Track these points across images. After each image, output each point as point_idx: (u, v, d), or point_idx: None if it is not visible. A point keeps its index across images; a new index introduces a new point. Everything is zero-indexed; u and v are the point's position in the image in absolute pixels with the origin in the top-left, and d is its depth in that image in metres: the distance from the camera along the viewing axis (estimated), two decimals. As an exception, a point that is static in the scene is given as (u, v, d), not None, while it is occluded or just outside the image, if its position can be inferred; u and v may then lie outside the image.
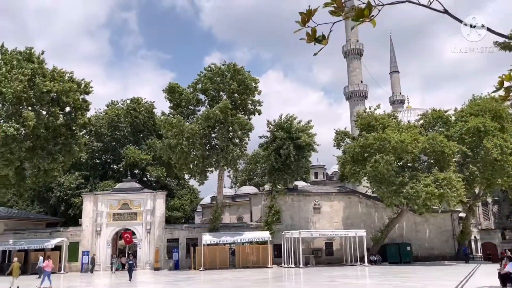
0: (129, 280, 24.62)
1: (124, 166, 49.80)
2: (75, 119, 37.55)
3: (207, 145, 36.92)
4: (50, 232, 37.94)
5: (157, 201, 38.33)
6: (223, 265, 35.19)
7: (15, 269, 21.52)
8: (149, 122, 52.97)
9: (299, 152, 37.33)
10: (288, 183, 39.22)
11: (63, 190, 47.33)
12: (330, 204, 40.22)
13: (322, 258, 38.51)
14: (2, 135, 31.77)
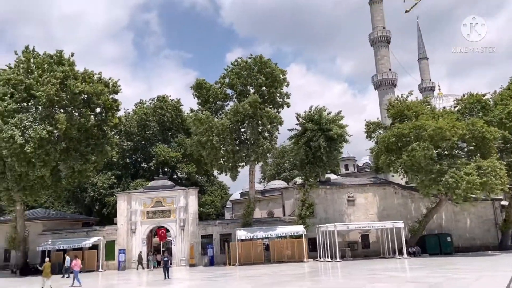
0: (167, 278, 24.05)
1: (154, 165, 50.22)
2: (106, 119, 37.93)
3: (236, 140, 36.60)
4: (87, 232, 38.60)
5: (190, 198, 38.37)
6: (258, 260, 34.91)
7: (46, 269, 21.71)
8: (176, 119, 53.16)
9: (331, 144, 36.52)
10: (320, 176, 38.49)
11: (97, 190, 48.14)
12: (365, 195, 39.26)
13: (358, 251, 37.69)
14: (37, 137, 32.39)
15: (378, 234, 37.89)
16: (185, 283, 21.03)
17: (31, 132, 32.79)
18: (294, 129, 39.35)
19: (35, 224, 39.28)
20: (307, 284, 18.02)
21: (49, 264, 22.28)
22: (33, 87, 34.39)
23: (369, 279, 17.53)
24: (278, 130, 36.28)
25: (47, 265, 22.08)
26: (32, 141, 32.33)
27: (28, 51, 36.58)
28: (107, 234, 38.00)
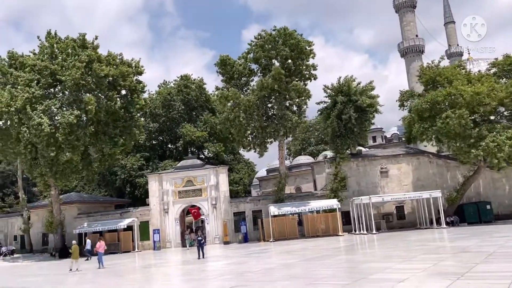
0: (201, 257, 22.47)
1: (182, 145, 50.22)
2: (132, 101, 37.80)
3: (264, 115, 35.95)
4: (121, 213, 39.06)
5: (220, 176, 38.21)
6: (292, 235, 34.69)
7: (74, 252, 22.08)
8: (201, 98, 52.73)
9: (362, 115, 35.50)
10: (351, 149, 37.63)
11: (127, 172, 48.59)
12: (398, 166, 38.26)
13: (394, 222, 37.00)
14: (66, 123, 32.50)
15: (413, 205, 37.02)
16: (231, 260, 20.82)
17: (59, 117, 32.97)
18: (323, 102, 38.39)
19: (70, 208, 40.00)
20: (357, 255, 17.50)
21: (76, 247, 22.77)
22: (58, 72, 34.36)
23: (420, 250, 16.88)
24: (306, 104, 35.46)
25: (75, 248, 22.54)
26: (61, 127, 32.53)
27: (51, 37, 36.46)
28: (140, 215, 38.39)
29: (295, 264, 15.95)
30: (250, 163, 64.18)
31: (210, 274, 15.37)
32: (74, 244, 23.25)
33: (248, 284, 11.81)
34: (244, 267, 16.61)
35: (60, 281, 17.93)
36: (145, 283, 14.94)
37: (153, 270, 20.28)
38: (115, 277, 17.71)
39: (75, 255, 22.16)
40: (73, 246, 22.84)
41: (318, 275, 12.68)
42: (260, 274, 13.98)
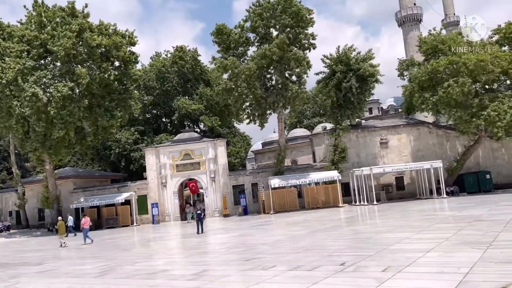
0: (201, 232, 21.11)
1: (177, 118, 49.25)
2: (126, 73, 36.67)
3: (263, 86, 35.09)
4: (118, 188, 38.49)
5: (218, 149, 37.59)
6: (292, 207, 34.52)
7: (60, 228, 22.06)
8: (196, 70, 51.43)
9: (362, 84, 34.79)
10: (351, 119, 37.08)
11: (122, 146, 47.70)
12: (398, 137, 37.91)
13: (393, 193, 36.96)
14: (58, 96, 31.41)
15: (413, 175, 36.92)
16: (236, 232, 20.43)
17: (52, 90, 31.87)
18: (322, 73, 37.53)
19: (65, 183, 39.30)
20: (367, 226, 17.19)
21: (62, 223, 22.72)
22: (48, 42, 33.00)
23: (431, 220, 16.58)
24: (306, 73, 34.61)
25: (61, 224, 22.45)
26: (54, 101, 31.47)
27: (38, 5, 34.79)
28: (138, 189, 37.86)
29: (304, 236, 15.59)
30: (246, 136, 63.59)
31: (219, 247, 14.95)
32: (60, 220, 23.11)
33: (264, 256, 11.37)
34: (252, 240, 16.24)
35: (63, 256, 17.44)
36: (153, 257, 14.49)
37: (158, 244, 19.87)
38: (120, 251, 17.24)
39: (61, 230, 22.13)
40: (59, 222, 22.72)
41: (333, 246, 12.29)
42: (271, 246, 13.58)
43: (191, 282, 8.74)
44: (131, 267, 12.05)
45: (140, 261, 13.41)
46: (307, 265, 9.31)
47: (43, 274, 12.48)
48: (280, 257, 10.86)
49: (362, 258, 9.47)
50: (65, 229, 22.62)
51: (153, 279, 9.62)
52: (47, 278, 11.52)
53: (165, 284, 8.87)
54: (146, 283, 9.24)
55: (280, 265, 9.72)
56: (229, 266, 10.46)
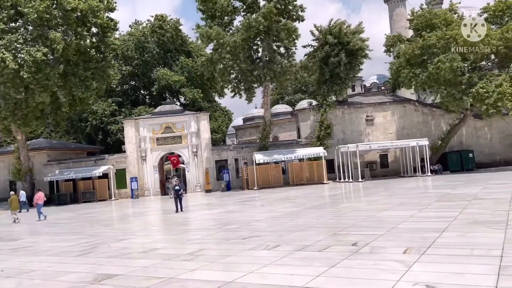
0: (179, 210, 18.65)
1: (156, 90, 47.47)
2: (104, 40, 34.66)
3: (249, 58, 33.80)
4: (95, 160, 36.96)
5: (201, 122, 36.38)
6: (276, 183, 33.94)
7: (13, 202, 20.93)
8: (177, 40, 49.39)
9: (351, 59, 33.94)
10: (338, 95, 36.37)
11: (98, 118, 45.83)
12: (384, 114, 37.57)
13: (377, 171, 36.85)
14: (31, 60, 29.38)
15: (397, 153, 36.81)
16: (224, 208, 19.58)
17: (24, 54, 29.77)
18: (310, 46, 36.41)
19: (39, 155, 37.48)
20: (361, 203, 16.62)
21: (15, 197, 21.59)
22: (20, 4, 30.69)
23: (428, 198, 16.14)
24: (295, 46, 33.47)
25: (14, 199, 21.27)
26: (27, 65, 29.47)
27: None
28: (116, 162, 36.44)
29: (300, 213, 14.90)
30: (227, 111, 62.40)
31: (210, 223, 14.08)
32: (13, 195, 21.84)
33: (263, 234, 10.58)
34: (244, 216, 15.44)
35: (39, 231, 16.24)
36: (139, 233, 13.52)
37: (141, 219, 18.87)
38: (100, 226, 16.18)
39: (14, 206, 20.93)
40: (12, 197, 21.42)
41: (335, 224, 11.60)
42: (267, 223, 12.81)
43: (189, 263, 7.85)
44: (117, 244, 11.07)
45: (125, 237, 12.44)
46: (315, 245, 8.55)
47: (19, 251, 11.36)
48: (281, 236, 10.08)
49: (373, 237, 8.77)
50: (18, 204, 21.37)
51: (145, 259, 8.68)
52: (24, 256, 10.42)
53: (160, 265, 7.94)
54: (138, 263, 8.30)
55: (285, 244, 8.93)
56: (227, 245, 9.60)
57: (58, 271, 8.26)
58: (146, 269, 7.72)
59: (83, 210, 25.96)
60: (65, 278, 7.59)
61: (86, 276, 7.59)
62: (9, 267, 9.09)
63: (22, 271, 8.53)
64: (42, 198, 21.36)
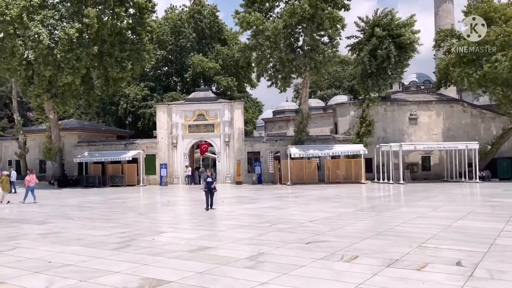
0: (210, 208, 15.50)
1: (190, 76, 46.31)
2: (141, 22, 33.63)
3: (289, 47, 32.08)
4: (125, 144, 36.12)
5: (235, 111, 34.96)
6: (311, 180, 32.30)
7: (4, 183, 19.62)
8: (213, 27, 48.01)
9: (400, 52, 31.75)
10: (383, 90, 34.23)
11: (130, 102, 45.08)
12: (429, 114, 35.20)
13: (418, 173, 34.62)
14: (66, 38, 28.56)
15: (441, 155, 34.49)
16: (263, 203, 18.14)
17: (59, 31, 28.98)
18: (354, 37, 34.35)
19: (69, 135, 36.95)
20: (422, 208, 14.80)
21: (7, 178, 20.35)
22: (58, -21, 29.96)
23: (492, 206, 14.25)
24: (340, 35, 31.55)
25: (5, 179, 20.00)
26: (61, 43, 28.68)
27: None
28: (146, 147, 35.49)
29: (355, 215, 13.26)
30: (258, 102, 60.84)
31: (256, 220, 12.55)
32: (5, 175, 20.56)
33: (327, 240, 9.02)
34: (290, 215, 13.87)
35: (68, 214, 15.14)
36: (179, 226, 12.17)
37: (176, 209, 17.58)
38: (133, 214, 14.96)
39: (6, 187, 19.68)
40: (3, 177, 20.09)
41: (409, 232, 9.90)
42: (324, 225, 11.21)
43: (254, 273, 6.37)
44: (158, 238, 9.71)
45: (164, 230, 11.09)
46: (406, 260, 6.93)
47: (49, 237, 10.16)
48: (352, 244, 8.48)
49: (476, 256, 7.09)
50: (9, 185, 20.19)
51: (196, 261, 7.26)
52: (54, 244, 9.19)
53: (218, 271, 6.49)
54: (190, 266, 6.87)
55: (364, 256, 7.35)
56: (290, 250, 8.07)
57: (94, 269, 6.92)
58: (202, 276, 6.28)
59: (112, 195, 24.99)
60: (105, 280, 6.23)
61: (130, 279, 6.22)
62: (38, 257, 7.84)
63: (52, 265, 7.22)
64: (34, 181, 20.02)
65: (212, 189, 15.64)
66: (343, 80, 64.31)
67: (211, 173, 16.83)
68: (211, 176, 16.30)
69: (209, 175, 16.19)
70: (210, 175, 16.28)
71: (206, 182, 15.80)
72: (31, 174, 20.51)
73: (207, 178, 15.96)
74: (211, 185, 15.64)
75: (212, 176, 16.44)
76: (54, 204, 19.28)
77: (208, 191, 15.60)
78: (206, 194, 15.67)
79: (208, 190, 15.59)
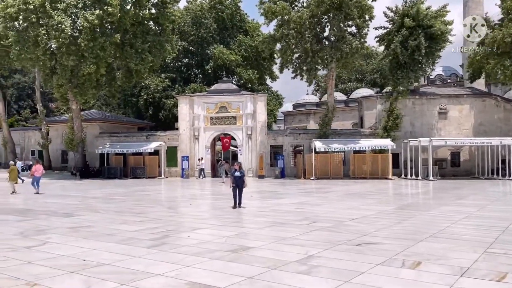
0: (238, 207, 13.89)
1: (211, 68, 45.69)
2: (164, 12, 33.09)
3: (315, 37, 31.16)
4: (147, 136, 35.79)
5: (258, 104, 34.23)
6: (336, 175, 31.42)
7: (12, 173, 19.73)
8: (235, 17, 47.22)
9: (432, 43, 30.47)
10: (413, 82, 33.01)
11: (151, 93, 44.77)
12: (459, 108, 33.88)
13: (447, 169, 33.42)
14: (88, 26, 28.22)
15: (472, 151, 33.23)
16: (292, 199, 17.45)
17: (82, 20, 28.63)
18: (382, 27, 33.12)
19: (91, 126, 36.81)
20: (465, 208, 13.89)
21: (15, 167, 20.53)
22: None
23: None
24: (368, 26, 30.46)
25: (13, 169, 20.11)
26: (84, 32, 28.38)
27: None
28: (168, 139, 35.11)
29: (396, 214, 12.47)
30: (278, 95, 59.96)
31: (291, 217, 11.84)
32: (12, 165, 20.74)
33: (378, 242, 8.30)
34: (327, 211, 13.14)
35: (94, 206, 14.74)
36: (212, 222, 11.58)
37: (205, 204, 17.02)
38: (162, 208, 14.47)
39: (13, 176, 19.69)
40: (11, 167, 20.24)
41: (470, 236, 9.08)
42: (368, 224, 10.47)
43: (311, 279, 5.71)
44: (193, 235, 9.12)
45: (198, 226, 10.50)
46: (478, 270, 6.17)
47: (79, 231, 9.68)
48: (407, 247, 7.75)
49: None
50: (17, 175, 20.19)
51: (241, 263, 6.63)
52: (86, 240, 8.69)
53: (269, 277, 5.86)
54: (236, 269, 6.25)
55: (426, 262, 6.63)
56: (341, 253, 7.37)
57: (133, 269, 6.35)
58: (254, 283, 5.64)
59: (135, 187, 24.65)
60: (146, 284, 5.64)
61: (174, 283, 5.63)
62: (71, 254, 7.32)
63: (87, 264, 6.69)
64: (40, 171, 19.83)
65: (241, 185, 13.92)
66: (366, 74, 62.89)
67: (239, 166, 14.56)
68: (240, 170, 14.27)
69: (237, 169, 14.22)
70: (238, 168, 14.27)
71: (234, 177, 13.94)
72: (37, 164, 20.52)
73: (235, 172, 14.05)
74: (241, 179, 13.88)
75: (241, 170, 14.38)
76: (78, 196, 18.97)
77: (236, 187, 13.85)
78: (234, 190, 13.92)
79: (236, 186, 13.85)
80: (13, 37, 29.25)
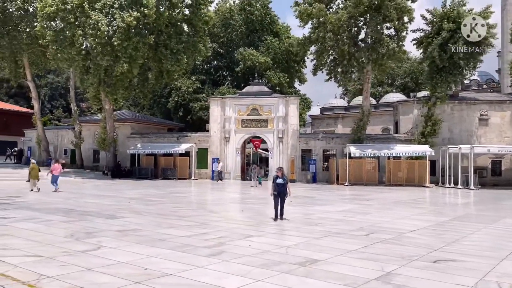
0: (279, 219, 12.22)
1: (241, 70, 45.40)
2: (198, 14, 32.97)
3: (352, 39, 30.43)
4: (178, 137, 35.72)
5: (290, 107, 33.68)
6: (370, 181, 30.58)
7: (34, 171, 19.68)
8: (265, 19, 46.82)
9: (472, 47, 29.30)
10: (453, 87, 31.87)
11: (181, 95, 44.78)
12: (502, 114, 32.51)
13: (487, 178, 32.05)
14: (124, 26, 28.27)
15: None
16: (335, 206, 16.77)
17: (118, 20, 28.71)
18: (421, 30, 32.09)
19: (123, 126, 37.01)
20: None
21: (36, 166, 20.33)
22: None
23: None
24: (406, 29, 29.54)
25: (34, 167, 19.99)
26: (119, 31, 28.45)
27: None
28: (199, 141, 34.93)
29: (456, 227, 11.67)
30: (307, 99, 59.21)
31: (343, 227, 11.20)
32: (33, 163, 20.55)
33: (455, 257, 7.62)
34: (381, 222, 12.39)
35: (135, 208, 14.46)
36: (265, 230, 11.02)
37: (247, 209, 16.51)
38: (205, 212, 14.06)
39: (34, 174, 19.61)
40: (32, 165, 20.16)
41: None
42: (432, 237, 9.78)
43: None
44: (254, 244, 8.57)
45: (250, 233, 9.99)
46: None
47: (128, 235, 9.32)
48: (492, 265, 7.07)
49: None
50: (38, 173, 20.05)
51: (314, 279, 6.09)
52: (138, 245, 8.30)
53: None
54: (311, 286, 5.69)
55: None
56: (421, 271, 6.72)
57: (202, 282, 5.88)
58: (342, 304, 5.07)
59: (168, 188, 24.43)
60: (223, 300, 5.16)
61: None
62: (129, 261, 6.93)
63: (150, 274, 6.26)
64: (59, 170, 20.03)
65: (284, 194, 12.21)
66: (397, 77, 61.48)
67: (281, 172, 12.51)
68: (282, 176, 12.35)
69: (279, 175, 12.32)
70: (280, 175, 12.32)
71: (276, 184, 12.20)
72: (56, 163, 20.74)
73: (277, 178, 12.28)
74: (283, 186, 12.15)
75: (284, 177, 12.43)
76: (114, 196, 18.81)
77: (277, 195, 12.16)
78: (276, 200, 12.22)
79: (278, 194, 12.16)
80: (50, 37, 29.58)
